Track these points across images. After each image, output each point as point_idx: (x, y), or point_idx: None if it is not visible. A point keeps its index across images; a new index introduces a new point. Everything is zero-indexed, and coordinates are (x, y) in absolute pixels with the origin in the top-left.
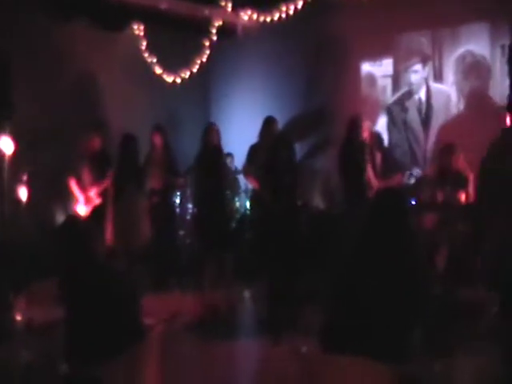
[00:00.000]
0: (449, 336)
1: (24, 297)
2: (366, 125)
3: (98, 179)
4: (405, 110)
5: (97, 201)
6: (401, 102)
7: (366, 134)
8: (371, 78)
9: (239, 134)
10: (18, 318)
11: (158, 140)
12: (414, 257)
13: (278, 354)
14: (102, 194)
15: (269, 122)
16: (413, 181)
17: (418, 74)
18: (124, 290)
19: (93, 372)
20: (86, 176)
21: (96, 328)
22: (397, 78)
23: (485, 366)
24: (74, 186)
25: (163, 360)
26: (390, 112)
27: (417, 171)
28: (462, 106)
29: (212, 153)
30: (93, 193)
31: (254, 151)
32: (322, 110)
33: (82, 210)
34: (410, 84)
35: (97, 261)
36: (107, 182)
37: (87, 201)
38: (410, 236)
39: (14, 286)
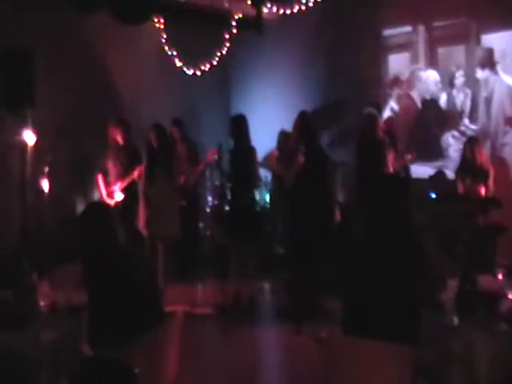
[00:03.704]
0: (467, 321)
1: (47, 281)
2: (381, 121)
3: (123, 173)
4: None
5: (120, 196)
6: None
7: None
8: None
9: (259, 127)
10: (42, 301)
11: (176, 133)
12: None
13: (299, 342)
14: (131, 187)
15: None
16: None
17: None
18: (145, 274)
19: (115, 354)
20: (113, 171)
21: (117, 311)
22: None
23: (503, 351)
24: (100, 181)
25: (184, 344)
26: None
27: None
28: None
29: (247, 151)
30: (117, 187)
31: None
32: (342, 101)
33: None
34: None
35: (119, 245)
36: (133, 177)
37: (109, 195)
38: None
39: (37, 271)
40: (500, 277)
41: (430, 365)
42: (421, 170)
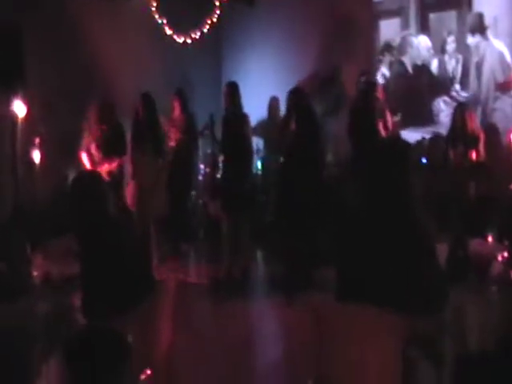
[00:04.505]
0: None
1: (40, 253)
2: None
3: (110, 155)
4: None
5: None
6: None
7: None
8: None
9: (251, 95)
10: (36, 273)
11: (176, 105)
12: (414, 209)
13: (292, 313)
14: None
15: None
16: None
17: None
18: (136, 245)
19: (108, 324)
20: (95, 151)
21: (109, 281)
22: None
23: (494, 315)
24: (85, 159)
25: (177, 315)
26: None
27: (429, 131)
28: None
29: (240, 118)
30: (105, 166)
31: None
32: (334, 73)
33: None
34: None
35: (109, 215)
36: (122, 161)
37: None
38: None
39: (30, 243)
40: (490, 240)
41: (421, 331)
42: (412, 136)
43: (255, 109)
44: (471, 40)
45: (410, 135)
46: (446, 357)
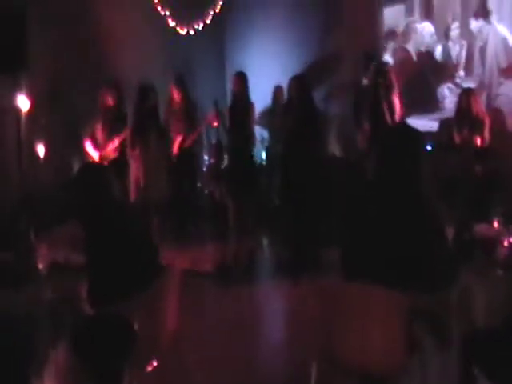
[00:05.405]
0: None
1: (46, 241)
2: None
3: (112, 136)
4: None
5: (111, 156)
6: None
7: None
8: None
9: (255, 84)
10: (41, 261)
11: (176, 93)
12: (423, 192)
13: (299, 293)
14: (120, 148)
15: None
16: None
17: None
18: (141, 230)
19: (114, 311)
20: (100, 134)
21: (115, 268)
22: None
23: (499, 296)
24: (89, 146)
25: (183, 301)
26: None
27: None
28: None
29: (246, 106)
30: (108, 149)
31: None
32: (338, 55)
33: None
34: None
35: (115, 202)
36: (122, 137)
37: (102, 158)
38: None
39: (36, 232)
40: (496, 224)
41: (427, 309)
42: (417, 123)
43: (259, 97)
44: (474, 24)
45: (415, 122)
46: (451, 334)
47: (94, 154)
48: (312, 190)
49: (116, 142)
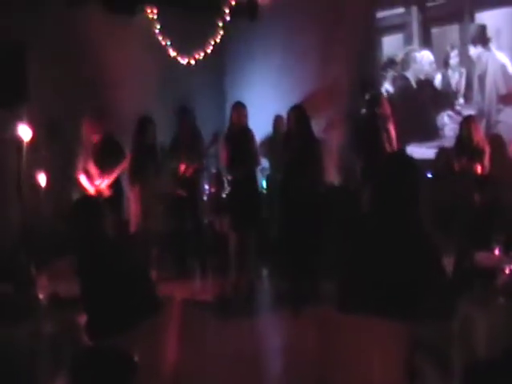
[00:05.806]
0: (464, 297)
1: (46, 274)
2: (384, 99)
3: (105, 170)
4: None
5: (106, 192)
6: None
7: (384, 108)
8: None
9: (254, 114)
10: (41, 294)
11: (181, 122)
12: (421, 221)
13: (298, 325)
14: (116, 183)
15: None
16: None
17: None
18: (136, 264)
19: (114, 343)
20: (92, 168)
21: (111, 301)
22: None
23: (501, 325)
24: (84, 180)
25: (183, 332)
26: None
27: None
28: None
29: (245, 133)
30: (103, 184)
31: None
32: (336, 85)
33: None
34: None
35: (107, 237)
36: (118, 172)
37: (98, 192)
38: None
39: (36, 264)
40: (497, 252)
41: (427, 340)
42: (417, 150)
43: (259, 127)
44: (473, 51)
45: (415, 150)
46: (452, 365)
47: (88, 187)
48: (311, 219)
49: (111, 178)
